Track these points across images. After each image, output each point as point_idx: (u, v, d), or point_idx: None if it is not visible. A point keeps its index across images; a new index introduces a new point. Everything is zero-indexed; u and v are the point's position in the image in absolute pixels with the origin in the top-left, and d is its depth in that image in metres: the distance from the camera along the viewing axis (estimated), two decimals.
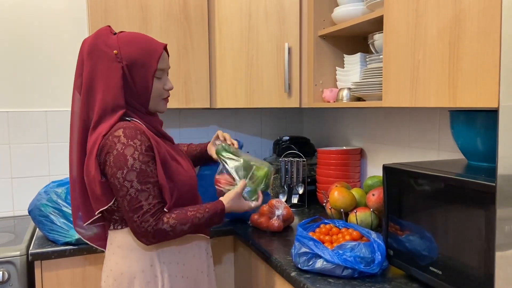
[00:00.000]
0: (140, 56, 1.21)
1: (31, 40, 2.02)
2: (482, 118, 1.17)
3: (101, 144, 1.16)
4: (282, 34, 1.93)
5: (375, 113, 1.95)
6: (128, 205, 1.14)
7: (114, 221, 1.24)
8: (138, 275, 1.20)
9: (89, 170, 1.18)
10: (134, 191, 1.13)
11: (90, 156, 1.18)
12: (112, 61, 1.19)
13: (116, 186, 1.14)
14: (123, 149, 1.13)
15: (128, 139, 1.14)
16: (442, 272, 1.08)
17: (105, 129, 1.17)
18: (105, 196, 1.18)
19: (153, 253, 1.22)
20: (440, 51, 1.14)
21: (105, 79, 1.19)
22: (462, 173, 1.07)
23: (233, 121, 2.43)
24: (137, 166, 1.13)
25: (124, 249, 1.22)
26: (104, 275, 1.26)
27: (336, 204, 1.55)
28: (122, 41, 1.22)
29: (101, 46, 1.21)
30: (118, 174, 1.13)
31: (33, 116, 2.04)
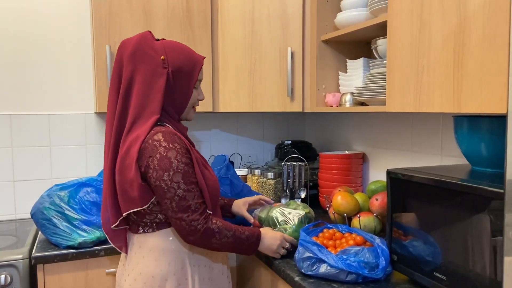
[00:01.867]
0: (185, 64, 1.25)
1: (34, 43, 2.02)
2: (486, 124, 1.17)
3: (141, 147, 1.18)
4: (285, 39, 1.93)
5: (377, 117, 1.96)
6: (177, 205, 1.17)
7: (143, 224, 1.26)
8: (169, 278, 1.23)
9: (125, 172, 1.19)
10: (181, 192, 1.17)
11: (126, 158, 1.19)
12: (157, 66, 1.22)
13: (163, 188, 1.16)
14: (166, 152, 1.16)
15: (168, 142, 1.17)
16: (446, 278, 1.08)
17: (143, 133, 1.19)
18: (141, 199, 1.19)
19: (185, 256, 1.25)
20: (444, 56, 1.14)
21: (147, 82, 1.21)
22: (467, 178, 1.07)
23: (235, 125, 2.43)
24: (181, 168, 1.17)
25: (156, 252, 1.24)
26: (129, 278, 1.26)
27: (339, 209, 1.55)
28: (169, 47, 1.24)
29: (147, 49, 1.22)
30: (164, 176, 1.16)
31: (36, 119, 2.04)
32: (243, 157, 2.46)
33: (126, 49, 1.24)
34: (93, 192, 1.65)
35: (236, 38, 1.96)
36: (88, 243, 1.56)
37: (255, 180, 2.16)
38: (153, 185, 1.18)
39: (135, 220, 1.27)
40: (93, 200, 1.62)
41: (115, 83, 1.26)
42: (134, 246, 1.28)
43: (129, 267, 1.28)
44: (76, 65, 2.09)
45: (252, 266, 1.67)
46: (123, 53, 1.24)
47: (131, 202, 1.20)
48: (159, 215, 1.24)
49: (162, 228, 1.25)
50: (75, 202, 1.60)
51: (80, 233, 1.56)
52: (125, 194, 1.21)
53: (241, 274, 1.79)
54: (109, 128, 1.27)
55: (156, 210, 1.23)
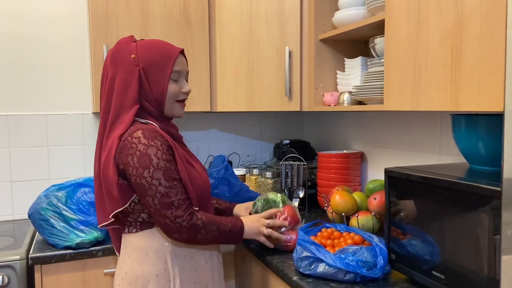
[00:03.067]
0: (156, 58, 1.25)
1: (31, 44, 2.02)
2: (484, 122, 1.17)
3: (120, 145, 1.18)
4: (283, 38, 1.93)
5: (375, 116, 1.95)
6: (159, 203, 1.15)
7: (128, 223, 1.26)
8: (152, 279, 1.22)
9: (106, 171, 1.19)
10: (163, 189, 1.15)
11: (108, 157, 1.19)
12: (130, 65, 1.23)
13: (144, 185, 1.15)
14: (145, 149, 1.15)
15: (148, 139, 1.16)
16: (445, 277, 1.07)
17: (121, 131, 1.19)
18: (121, 198, 1.19)
19: (168, 257, 1.23)
20: (442, 55, 1.14)
21: (123, 82, 1.23)
22: (465, 177, 1.07)
23: (233, 124, 2.43)
24: (162, 165, 1.16)
25: (138, 252, 1.24)
26: (118, 278, 1.27)
27: (337, 208, 1.55)
28: (140, 46, 1.26)
29: (122, 52, 1.25)
30: (144, 173, 1.15)
31: (33, 120, 2.04)
32: (241, 156, 2.45)
33: (107, 56, 1.28)
34: (90, 192, 1.64)
35: (234, 37, 1.95)
36: (85, 244, 1.56)
37: (253, 179, 2.15)
38: (134, 183, 1.17)
39: (121, 219, 1.27)
40: (90, 201, 1.62)
41: (102, 90, 1.29)
42: (122, 245, 1.29)
43: (118, 267, 1.30)
44: (74, 65, 2.09)
45: (250, 265, 1.67)
46: (106, 60, 1.28)
47: (115, 202, 1.20)
48: (142, 214, 1.23)
49: (145, 228, 1.24)
50: (72, 203, 1.59)
51: (78, 233, 1.56)
52: (109, 193, 1.21)
53: (238, 275, 1.78)
54: (99, 130, 1.29)
55: (138, 209, 1.23)
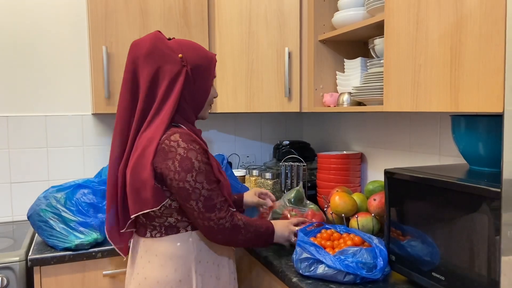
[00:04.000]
0: (202, 62, 1.24)
1: (30, 45, 2.02)
2: (484, 123, 1.16)
3: (157, 148, 1.16)
4: (282, 39, 1.93)
5: (375, 117, 1.95)
6: (203, 206, 1.16)
7: (152, 228, 1.23)
8: (174, 285, 1.20)
9: (139, 173, 1.17)
10: (206, 192, 1.16)
11: (142, 160, 1.16)
12: (177, 64, 1.21)
13: (188, 189, 1.15)
14: (186, 153, 1.15)
15: (187, 143, 1.16)
16: (444, 278, 1.07)
17: (158, 133, 1.17)
18: (154, 200, 1.17)
19: (192, 263, 1.22)
20: (441, 55, 1.13)
21: (167, 81, 1.20)
22: (464, 178, 1.07)
23: (233, 125, 2.43)
24: (203, 168, 1.16)
25: (162, 257, 1.21)
26: (134, 282, 1.24)
27: (337, 209, 1.54)
28: (184, 45, 1.24)
29: (163, 48, 1.21)
30: (188, 177, 1.14)
31: (33, 121, 2.04)
32: (241, 157, 2.45)
33: (140, 49, 1.21)
34: (90, 193, 1.64)
35: (233, 38, 1.95)
36: (85, 245, 1.56)
37: (253, 180, 2.15)
38: (176, 188, 1.15)
39: (143, 223, 1.24)
40: (90, 202, 1.62)
41: (129, 84, 1.23)
42: (140, 250, 1.25)
43: (134, 271, 1.26)
44: (73, 66, 2.09)
45: (250, 267, 1.66)
46: (138, 53, 1.22)
47: (143, 203, 1.18)
48: (169, 219, 1.22)
49: (170, 233, 1.23)
50: (71, 204, 1.59)
51: (77, 235, 1.55)
52: (136, 194, 1.18)
53: (239, 276, 1.78)
54: (119, 129, 1.24)
55: (166, 213, 1.21)
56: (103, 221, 1.61)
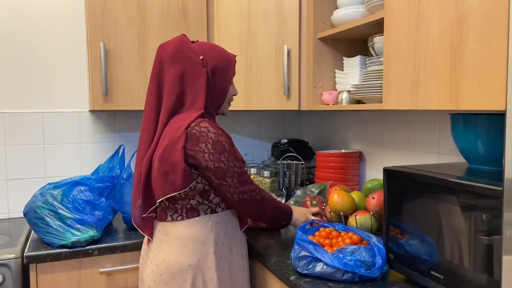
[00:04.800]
0: (221, 62, 1.37)
1: (28, 41, 2.00)
2: (483, 121, 1.16)
3: (188, 133, 1.27)
4: (281, 37, 1.92)
5: (374, 116, 1.95)
6: (238, 181, 1.31)
7: (173, 211, 1.33)
8: (193, 264, 1.30)
9: (168, 157, 1.26)
10: (238, 169, 1.31)
11: (172, 144, 1.26)
12: (198, 66, 1.34)
13: (223, 168, 1.28)
14: (217, 137, 1.28)
15: (215, 129, 1.29)
16: (443, 277, 1.07)
17: (187, 123, 1.28)
18: (183, 182, 1.27)
19: (210, 245, 1.33)
20: (441, 53, 1.13)
21: (193, 81, 1.33)
22: (464, 176, 1.06)
23: (231, 123, 2.42)
24: (232, 150, 1.31)
25: (182, 239, 1.31)
26: (152, 264, 1.33)
27: (335, 207, 1.54)
28: (205, 48, 1.37)
29: (187, 51, 1.34)
30: (221, 157, 1.27)
31: (30, 117, 2.02)
32: None
33: (165, 51, 1.34)
34: (86, 190, 1.63)
35: (232, 35, 1.94)
36: (81, 242, 1.54)
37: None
38: (212, 168, 1.27)
39: (166, 206, 1.34)
40: (86, 199, 1.60)
41: (155, 84, 1.35)
42: (160, 233, 1.35)
43: (152, 254, 1.35)
44: (71, 62, 2.07)
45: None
46: (163, 55, 1.34)
47: (171, 185, 1.27)
48: (191, 201, 1.32)
49: (191, 216, 1.33)
50: (68, 201, 1.58)
51: (74, 232, 1.54)
52: (165, 178, 1.28)
53: None
54: (146, 126, 1.36)
55: (190, 195, 1.31)
56: (100, 218, 1.60)
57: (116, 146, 2.16)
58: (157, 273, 1.31)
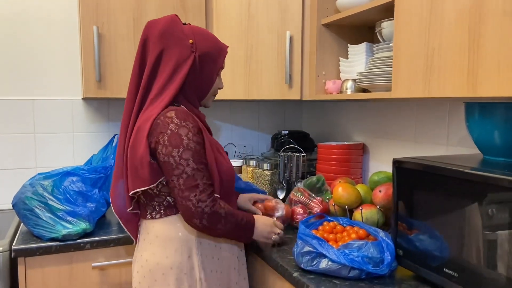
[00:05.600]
0: (211, 50, 1.26)
1: (17, 25, 1.91)
2: (501, 110, 1.09)
3: (153, 124, 1.16)
4: (284, 23, 1.84)
5: (379, 106, 1.88)
6: (184, 183, 1.13)
7: (151, 208, 1.23)
8: (175, 266, 1.20)
9: (136, 149, 1.18)
10: (190, 170, 1.14)
11: (138, 136, 1.18)
12: (186, 49, 1.22)
13: (172, 164, 1.14)
14: (177, 129, 1.14)
15: (180, 120, 1.15)
16: (458, 274, 1.00)
17: (156, 112, 1.17)
18: (151, 177, 1.16)
19: (192, 244, 1.22)
20: (458, 37, 1.06)
21: (174, 64, 1.21)
22: (483, 168, 1.00)
23: (229, 114, 2.34)
24: (192, 146, 1.15)
25: (162, 239, 1.21)
26: (137, 265, 1.25)
27: (340, 201, 1.47)
28: (197, 32, 1.25)
29: (176, 31, 1.23)
30: (174, 152, 1.13)
31: (19, 105, 1.93)
32: (237, 147, 2.37)
33: (153, 30, 1.23)
34: (78, 181, 1.56)
35: (232, 21, 1.86)
36: (72, 236, 1.47)
37: (250, 171, 2.07)
38: (162, 161, 1.15)
39: (144, 203, 1.25)
40: (78, 190, 1.53)
41: (138, 65, 1.25)
42: (143, 232, 1.26)
43: (138, 254, 1.27)
44: (63, 47, 1.98)
45: (248, 261, 1.59)
46: (150, 34, 1.23)
47: (140, 180, 1.18)
48: (168, 198, 1.22)
49: (170, 213, 1.23)
50: (59, 192, 1.51)
51: (65, 224, 1.47)
52: (135, 172, 1.19)
53: None
54: (128, 109, 1.25)
55: (164, 192, 1.21)
56: (92, 211, 1.53)
57: (110, 135, 2.08)
58: (141, 274, 1.23)
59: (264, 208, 1.55)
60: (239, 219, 1.22)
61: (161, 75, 1.22)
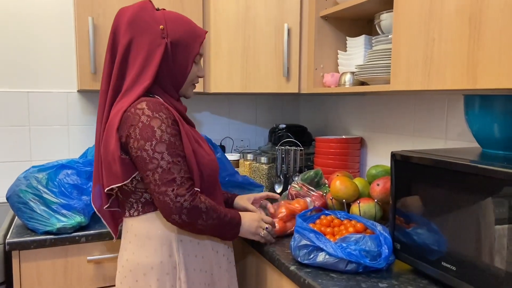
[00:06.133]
0: (185, 36, 1.18)
1: (11, 16, 1.88)
2: (501, 102, 1.08)
3: (123, 117, 1.10)
4: (282, 14, 1.82)
5: (377, 100, 1.86)
6: (159, 178, 1.06)
7: (129, 206, 1.17)
8: (155, 266, 1.14)
9: (107, 145, 1.12)
10: (165, 163, 1.06)
11: (110, 130, 1.12)
12: (156, 36, 1.15)
13: (145, 159, 1.07)
14: (149, 121, 1.07)
15: (152, 111, 1.08)
16: (456, 268, 0.99)
17: (126, 104, 1.11)
18: (122, 174, 1.10)
19: (173, 243, 1.15)
20: (458, 27, 1.04)
21: (145, 53, 1.14)
22: (481, 160, 0.98)
23: (227, 107, 2.32)
24: (166, 138, 1.08)
25: (141, 237, 1.15)
26: (119, 265, 1.21)
27: (338, 194, 1.46)
28: (169, 17, 1.18)
29: (146, 18, 1.15)
30: (146, 146, 1.07)
31: (14, 97, 1.91)
32: (235, 141, 2.35)
33: (123, 17, 1.16)
34: (73, 174, 1.54)
35: (229, 13, 1.84)
36: (67, 229, 1.45)
37: (247, 165, 2.06)
38: (134, 156, 1.08)
39: (122, 200, 1.19)
40: (73, 183, 1.51)
41: (109, 55, 1.17)
42: (123, 230, 1.21)
43: (120, 253, 1.22)
44: (57, 38, 1.96)
45: (244, 255, 1.58)
46: (120, 21, 1.16)
47: (114, 176, 1.12)
48: (145, 194, 1.15)
49: (148, 211, 1.16)
50: (54, 185, 1.49)
51: (59, 217, 1.45)
52: (108, 168, 1.13)
53: None
54: (102, 103, 1.18)
55: (140, 188, 1.14)
56: (87, 204, 1.51)
57: None
58: (122, 274, 1.18)
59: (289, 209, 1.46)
60: (222, 215, 1.15)
61: (133, 65, 1.15)
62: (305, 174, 1.71)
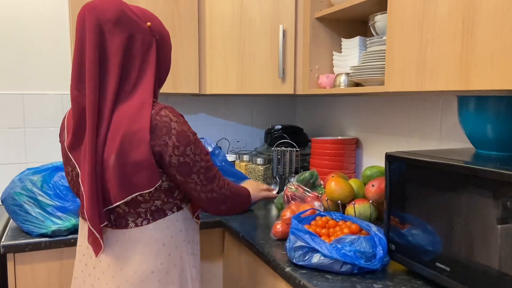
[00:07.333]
0: (164, 32, 1.14)
1: (5, 17, 1.88)
2: (493, 104, 1.09)
3: (152, 125, 1.03)
4: (277, 16, 1.82)
5: (372, 101, 1.87)
6: (205, 177, 1.13)
7: (136, 216, 1.10)
8: (170, 270, 1.13)
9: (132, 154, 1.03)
10: (204, 163, 1.12)
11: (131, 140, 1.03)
12: (147, 34, 1.09)
13: (189, 163, 1.09)
14: (180, 126, 1.07)
15: (176, 116, 1.08)
16: (450, 269, 1.00)
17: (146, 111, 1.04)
18: (151, 180, 1.05)
19: (183, 245, 1.17)
20: (451, 28, 1.04)
21: (143, 51, 1.08)
22: (474, 161, 0.99)
23: (222, 108, 2.32)
24: (195, 139, 1.11)
25: (155, 245, 1.11)
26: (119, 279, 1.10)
27: (333, 196, 1.46)
28: (146, 13, 1.11)
29: (131, 15, 1.06)
30: (187, 151, 1.08)
31: (9, 99, 1.90)
32: (231, 142, 2.35)
33: (104, 13, 1.03)
34: None
35: (224, 14, 1.84)
36: (62, 231, 1.45)
37: (243, 166, 2.06)
38: (177, 163, 1.07)
39: (123, 212, 1.10)
40: (68, 186, 1.51)
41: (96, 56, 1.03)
42: (123, 244, 1.11)
43: (109, 269, 1.11)
44: (52, 40, 1.95)
45: (240, 256, 1.58)
46: (102, 18, 1.03)
47: (134, 186, 1.05)
48: (156, 202, 1.11)
49: (158, 218, 1.12)
50: (48, 187, 1.48)
51: (54, 220, 1.45)
52: (125, 178, 1.04)
53: (227, 264, 1.70)
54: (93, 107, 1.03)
55: (155, 196, 1.10)
56: None
57: None
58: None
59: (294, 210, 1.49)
60: (241, 192, 1.26)
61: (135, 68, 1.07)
62: (300, 175, 1.71)
